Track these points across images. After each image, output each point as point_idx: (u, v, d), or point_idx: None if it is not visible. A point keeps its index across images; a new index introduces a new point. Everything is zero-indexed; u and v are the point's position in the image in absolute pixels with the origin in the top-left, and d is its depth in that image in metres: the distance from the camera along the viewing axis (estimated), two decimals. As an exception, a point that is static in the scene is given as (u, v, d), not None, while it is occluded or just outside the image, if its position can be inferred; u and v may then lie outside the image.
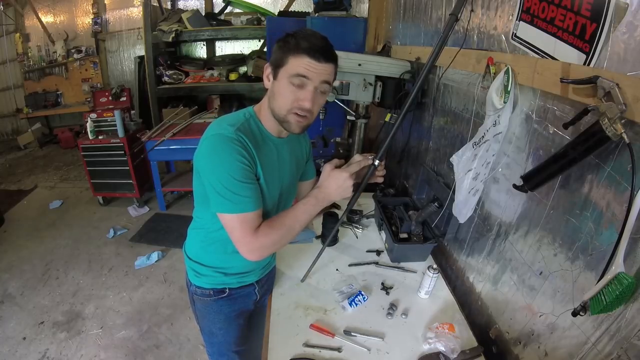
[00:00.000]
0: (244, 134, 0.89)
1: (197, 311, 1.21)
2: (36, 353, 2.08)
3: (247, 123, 0.94)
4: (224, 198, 0.87)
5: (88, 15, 5.33)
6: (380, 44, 2.43)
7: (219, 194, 0.87)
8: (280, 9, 4.30)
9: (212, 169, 0.88)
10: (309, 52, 0.85)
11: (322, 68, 0.87)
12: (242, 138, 0.88)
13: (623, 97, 0.63)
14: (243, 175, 0.87)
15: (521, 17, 0.96)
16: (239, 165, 0.86)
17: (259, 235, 0.90)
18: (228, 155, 0.86)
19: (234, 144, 0.86)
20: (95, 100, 4.94)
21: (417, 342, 1.10)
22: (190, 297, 1.19)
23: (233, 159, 0.86)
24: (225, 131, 0.87)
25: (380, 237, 1.63)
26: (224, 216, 0.90)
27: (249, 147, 0.89)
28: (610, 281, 0.65)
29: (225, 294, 1.14)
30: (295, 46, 0.86)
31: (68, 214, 3.61)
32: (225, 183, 0.86)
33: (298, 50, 0.86)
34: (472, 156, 1.16)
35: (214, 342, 1.25)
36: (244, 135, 0.89)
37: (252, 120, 0.96)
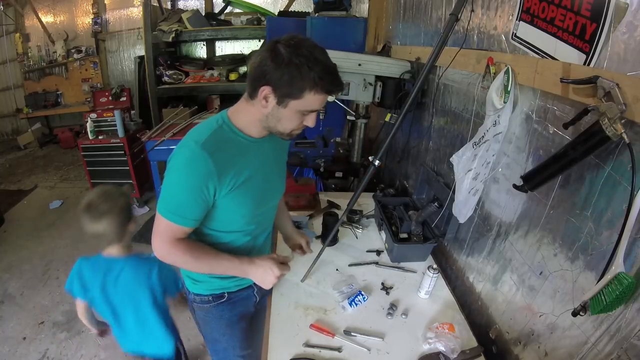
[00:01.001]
0: (212, 147, 0.87)
1: (198, 319, 1.20)
2: (36, 353, 2.08)
3: (219, 132, 0.91)
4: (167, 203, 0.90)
5: (88, 15, 5.33)
6: (380, 44, 2.43)
7: (164, 198, 0.91)
8: (280, 9, 4.30)
9: (168, 174, 0.90)
10: (330, 92, 0.85)
11: None
12: (205, 157, 0.85)
13: (623, 97, 0.63)
14: (193, 193, 0.88)
15: (521, 17, 0.96)
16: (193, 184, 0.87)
17: (174, 248, 0.94)
18: (186, 171, 0.87)
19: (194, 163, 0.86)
20: (95, 100, 4.94)
21: (417, 342, 1.10)
22: (190, 306, 1.18)
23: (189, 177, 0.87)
24: (191, 146, 0.87)
25: (380, 237, 1.63)
26: (158, 215, 0.92)
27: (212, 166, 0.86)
28: (610, 281, 0.65)
29: (225, 298, 1.13)
30: (314, 82, 0.81)
31: (68, 214, 3.61)
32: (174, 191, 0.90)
33: (317, 89, 0.82)
34: (472, 156, 1.16)
35: (219, 349, 1.24)
36: (211, 151, 0.86)
37: (226, 127, 0.93)
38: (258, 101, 0.87)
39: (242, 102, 0.94)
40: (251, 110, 0.92)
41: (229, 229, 1.03)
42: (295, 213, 1.77)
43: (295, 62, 0.79)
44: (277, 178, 1.12)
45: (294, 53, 0.79)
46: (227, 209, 0.96)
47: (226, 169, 0.89)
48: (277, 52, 0.80)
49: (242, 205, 0.98)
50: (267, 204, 1.09)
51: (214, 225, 1.00)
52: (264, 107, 0.87)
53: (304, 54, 0.80)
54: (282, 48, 0.80)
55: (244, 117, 0.94)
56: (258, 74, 0.84)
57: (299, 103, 0.84)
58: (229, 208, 0.96)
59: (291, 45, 0.80)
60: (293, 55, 0.79)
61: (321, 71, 0.80)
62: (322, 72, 0.81)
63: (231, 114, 0.95)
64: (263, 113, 0.89)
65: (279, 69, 0.80)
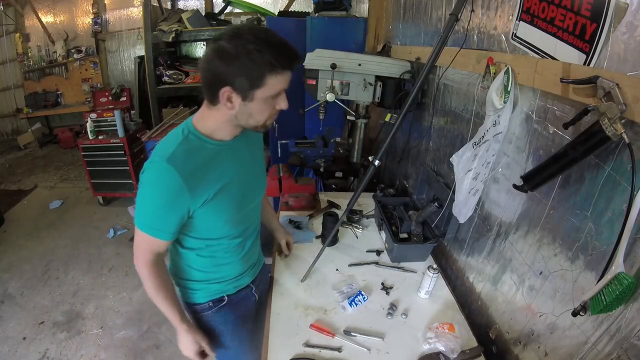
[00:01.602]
0: (180, 161, 0.84)
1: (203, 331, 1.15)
2: (36, 353, 2.08)
3: (185, 143, 0.88)
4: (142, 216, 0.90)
5: (88, 15, 5.33)
6: (380, 44, 2.43)
7: (139, 211, 0.90)
8: (280, 9, 4.30)
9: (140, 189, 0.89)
10: (291, 67, 0.81)
11: None
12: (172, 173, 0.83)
13: (623, 97, 0.63)
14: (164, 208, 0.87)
15: (521, 17, 0.96)
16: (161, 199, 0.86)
17: (150, 269, 0.95)
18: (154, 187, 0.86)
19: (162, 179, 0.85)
20: (95, 100, 4.94)
21: (417, 342, 1.10)
22: (192, 319, 1.15)
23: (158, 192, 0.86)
24: (157, 161, 0.85)
25: (380, 237, 1.63)
26: (136, 228, 0.91)
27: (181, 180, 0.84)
28: (610, 281, 0.65)
29: (225, 301, 1.13)
30: (270, 65, 0.77)
31: (68, 214, 3.61)
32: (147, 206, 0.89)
33: (277, 69, 0.79)
34: (472, 156, 1.16)
35: (230, 356, 1.23)
36: (179, 166, 0.83)
37: (192, 136, 0.89)
38: (222, 104, 0.83)
39: (205, 109, 0.90)
40: (217, 115, 0.88)
41: (216, 236, 1.02)
42: (295, 213, 1.77)
43: (244, 52, 0.75)
44: (256, 175, 1.10)
45: (238, 44, 0.76)
46: (207, 218, 0.95)
47: (197, 181, 0.87)
48: (222, 49, 0.77)
49: (222, 212, 0.97)
50: (249, 204, 1.07)
51: (200, 234, 1.00)
52: (230, 108, 0.84)
53: (249, 40, 0.76)
54: (225, 44, 0.76)
55: (211, 123, 0.90)
56: (212, 79, 0.81)
57: (264, 91, 0.81)
58: (210, 217, 0.95)
59: (233, 38, 0.76)
60: (239, 47, 0.76)
61: (273, 51, 0.77)
62: (274, 51, 0.77)
63: (196, 122, 0.92)
64: (231, 114, 0.86)
65: (231, 65, 0.77)
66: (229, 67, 0.77)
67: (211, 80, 0.81)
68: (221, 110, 0.86)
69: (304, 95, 2.46)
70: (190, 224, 0.96)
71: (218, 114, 0.88)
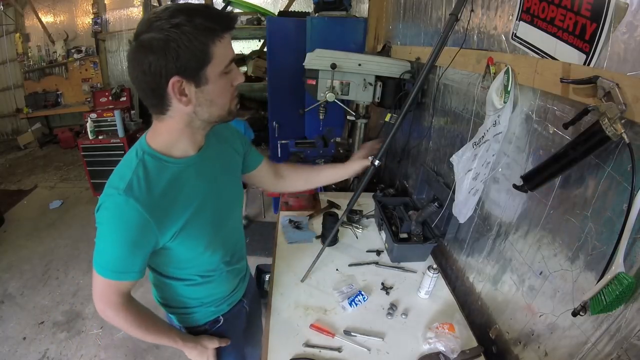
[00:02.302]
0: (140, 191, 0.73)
1: None
2: (36, 353, 2.08)
3: (141, 169, 0.75)
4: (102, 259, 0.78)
5: (88, 15, 5.34)
6: (380, 44, 2.43)
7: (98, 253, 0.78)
8: (280, 9, 4.30)
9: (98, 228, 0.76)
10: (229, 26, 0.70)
11: None
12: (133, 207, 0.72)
13: (623, 97, 0.63)
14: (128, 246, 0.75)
15: (521, 17, 0.96)
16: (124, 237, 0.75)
17: (119, 311, 0.82)
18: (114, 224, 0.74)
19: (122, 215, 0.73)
20: (95, 100, 4.94)
21: (417, 342, 1.10)
22: None
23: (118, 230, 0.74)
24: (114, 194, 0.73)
25: (380, 237, 1.63)
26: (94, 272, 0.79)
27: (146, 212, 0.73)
28: (610, 281, 0.65)
29: (220, 322, 1.07)
30: (207, 30, 0.66)
31: (68, 214, 3.62)
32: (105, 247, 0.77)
33: (218, 32, 0.68)
34: (472, 156, 1.16)
35: None
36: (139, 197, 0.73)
37: (149, 158, 0.77)
38: (175, 104, 0.72)
39: (156, 124, 0.78)
40: (170, 124, 0.76)
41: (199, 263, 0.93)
42: (295, 213, 1.77)
43: (175, 30, 0.63)
44: (232, 186, 0.99)
45: (163, 25, 0.64)
46: (184, 248, 0.85)
47: (163, 211, 0.76)
48: (148, 42, 0.64)
49: (200, 238, 0.87)
50: (227, 222, 0.98)
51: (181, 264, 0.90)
52: (187, 102, 0.71)
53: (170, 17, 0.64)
54: (147, 36, 0.64)
55: (166, 136, 0.78)
56: (152, 81, 0.68)
57: (215, 65, 0.69)
58: (187, 247, 0.85)
59: (150, 26, 0.64)
60: (164, 29, 0.63)
61: (202, 16, 0.66)
62: (205, 15, 0.66)
63: (150, 139, 0.79)
64: (188, 112, 0.74)
65: (167, 52, 0.64)
66: (167, 55, 0.64)
67: (151, 84, 0.68)
68: (174, 117, 0.74)
69: (304, 95, 2.46)
70: (168, 256, 0.85)
71: (171, 122, 0.76)
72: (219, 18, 0.68)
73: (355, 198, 1.23)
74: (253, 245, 3.07)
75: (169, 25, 0.64)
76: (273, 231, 1.69)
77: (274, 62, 2.99)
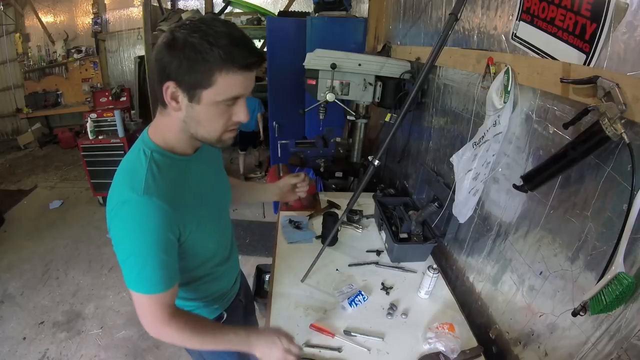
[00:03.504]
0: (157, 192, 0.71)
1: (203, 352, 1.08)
2: (36, 353, 2.08)
3: (153, 166, 0.74)
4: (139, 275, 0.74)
5: (88, 15, 5.34)
6: (380, 44, 2.43)
7: (128, 269, 0.74)
8: (280, 9, 4.30)
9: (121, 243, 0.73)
10: (246, 66, 0.67)
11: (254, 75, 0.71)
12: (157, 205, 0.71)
13: (623, 97, 0.63)
14: (159, 250, 0.73)
15: (521, 17, 0.96)
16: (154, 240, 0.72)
17: (170, 326, 0.78)
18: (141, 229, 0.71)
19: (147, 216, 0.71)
20: (95, 100, 4.95)
21: (417, 342, 1.10)
22: None
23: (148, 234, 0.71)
24: (133, 198, 0.70)
25: (380, 237, 1.63)
26: (133, 294, 0.76)
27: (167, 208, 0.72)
28: (610, 281, 0.65)
29: (224, 317, 1.07)
30: (221, 59, 0.64)
31: (68, 214, 3.62)
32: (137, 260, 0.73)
33: (229, 66, 0.65)
34: (472, 156, 1.16)
35: None
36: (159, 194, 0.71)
37: (156, 154, 0.76)
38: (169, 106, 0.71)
39: (159, 118, 0.78)
40: (169, 123, 0.75)
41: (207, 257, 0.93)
42: (295, 213, 1.77)
43: (192, 41, 0.63)
44: (225, 184, 1.03)
45: (190, 33, 0.63)
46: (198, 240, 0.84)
47: (180, 205, 0.76)
48: (171, 38, 0.65)
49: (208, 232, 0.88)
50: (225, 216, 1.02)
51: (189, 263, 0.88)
52: (177, 109, 0.70)
53: (201, 29, 0.63)
54: (177, 32, 0.64)
55: (168, 133, 0.77)
56: (158, 72, 0.68)
57: (213, 92, 0.67)
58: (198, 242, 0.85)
59: (188, 25, 0.64)
60: (189, 35, 0.63)
61: (227, 44, 0.63)
62: (229, 44, 0.63)
63: (153, 135, 0.79)
64: (179, 118, 0.72)
65: (176, 55, 0.64)
66: (174, 58, 0.64)
67: (158, 75, 0.69)
68: (171, 114, 0.73)
69: (304, 95, 2.46)
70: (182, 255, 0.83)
71: (169, 120, 0.75)
72: (240, 52, 0.65)
73: (355, 198, 1.23)
74: (253, 245, 3.07)
75: (192, 36, 0.63)
76: (273, 231, 1.69)
77: (274, 62, 2.99)
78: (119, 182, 0.75)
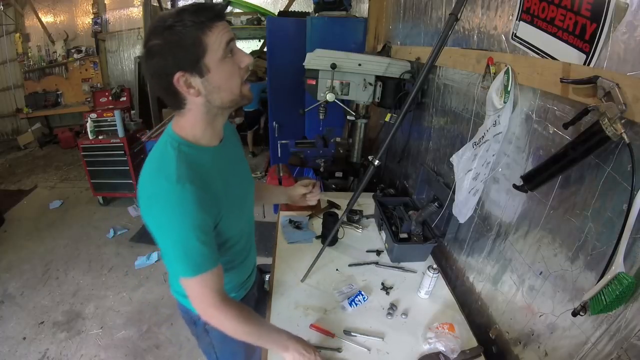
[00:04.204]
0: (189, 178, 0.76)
1: (214, 341, 1.11)
2: (36, 353, 2.08)
3: (182, 156, 0.79)
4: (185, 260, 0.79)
5: (88, 15, 5.34)
6: (380, 44, 2.43)
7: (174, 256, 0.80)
8: (280, 9, 4.30)
9: (162, 232, 0.78)
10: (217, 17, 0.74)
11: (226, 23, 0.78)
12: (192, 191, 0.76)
13: (623, 97, 0.63)
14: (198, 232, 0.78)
15: (521, 17, 0.96)
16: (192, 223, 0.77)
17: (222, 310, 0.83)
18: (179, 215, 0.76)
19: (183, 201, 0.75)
20: (95, 100, 4.95)
21: (417, 342, 1.10)
22: (202, 331, 1.09)
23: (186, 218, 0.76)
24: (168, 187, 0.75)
25: (380, 237, 1.63)
26: (186, 281, 0.82)
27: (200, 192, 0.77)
28: (610, 281, 0.65)
29: None
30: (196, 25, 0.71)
31: (68, 214, 3.62)
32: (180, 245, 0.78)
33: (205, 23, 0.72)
34: (472, 156, 1.16)
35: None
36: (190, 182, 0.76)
37: (185, 148, 0.81)
38: (187, 97, 0.77)
39: (179, 119, 0.84)
40: (190, 117, 0.82)
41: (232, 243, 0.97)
42: (295, 213, 1.77)
43: (168, 32, 0.71)
44: (248, 176, 1.09)
45: (159, 30, 0.72)
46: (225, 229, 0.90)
47: (211, 191, 0.81)
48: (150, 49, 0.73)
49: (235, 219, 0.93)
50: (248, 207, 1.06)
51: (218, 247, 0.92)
52: (196, 94, 0.76)
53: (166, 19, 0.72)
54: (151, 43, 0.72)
55: (191, 128, 0.83)
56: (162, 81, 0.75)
57: (212, 54, 0.74)
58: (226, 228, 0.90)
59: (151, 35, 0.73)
60: (161, 32, 0.71)
61: (190, 13, 0.71)
62: (191, 13, 0.71)
63: (178, 130, 0.84)
64: (201, 103, 0.79)
65: (165, 52, 0.72)
66: (166, 55, 0.72)
67: (162, 84, 0.76)
68: (192, 107, 0.79)
69: (304, 95, 2.46)
70: None
71: (190, 115, 0.81)
72: (204, 11, 0.72)
73: (355, 198, 1.23)
74: (253, 245, 3.06)
75: (163, 29, 0.71)
76: (273, 231, 1.69)
77: (274, 62, 2.99)
78: (151, 174, 0.81)
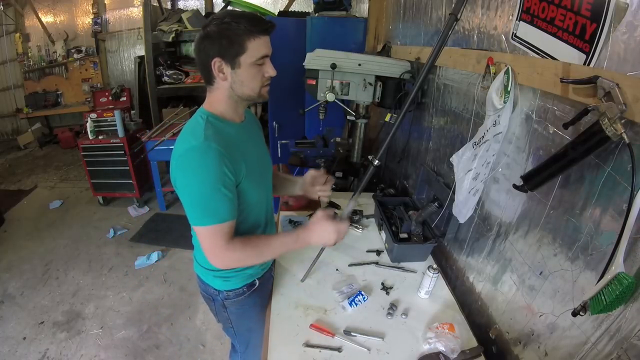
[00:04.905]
0: (214, 140, 0.90)
1: (232, 316, 1.21)
2: (36, 353, 2.08)
3: (209, 126, 0.93)
4: (201, 210, 0.91)
5: (88, 15, 5.33)
6: (380, 44, 2.43)
7: (194, 206, 0.92)
8: (280, 9, 4.29)
9: (188, 183, 0.91)
10: (265, 32, 0.91)
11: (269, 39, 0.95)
12: (213, 148, 0.88)
13: (623, 97, 0.63)
14: (219, 184, 0.89)
15: (521, 17, 0.96)
16: (215, 176, 0.89)
17: (229, 249, 0.95)
18: (204, 167, 0.88)
19: (208, 156, 0.88)
20: (95, 100, 4.95)
21: (417, 342, 1.10)
22: (220, 306, 1.18)
23: (209, 170, 0.88)
24: (196, 144, 0.88)
25: (380, 237, 1.63)
26: (198, 228, 0.94)
27: (222, 151, 0.89)
28: (610, 281, 0.65)
29: (256, 285, 1.18)
30: (247, 30, 0.88)
31: (68, 214, 3.62)
32: (201, 194, 0.90)
33: (253, 34, 0.89)
34: (472, 156, 1.16)
35: (252, 337, 1.28)
36: (216, 141, 0.90)
37: (212, 119, 0.96)
38: (217, 78, 0.93)
39: (209, 95, 1.00)
40: (217, 94, 0.98)
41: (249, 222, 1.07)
42: (295, 213, 1.77)
43: (224, 27, 0.88)
44: (266, 156, 1.19)
45: (219, 23, 0.89)
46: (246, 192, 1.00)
47: (232, 155, 0.92)
48: (207, 32, 0.90)
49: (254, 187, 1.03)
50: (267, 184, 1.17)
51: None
52: (224, 79, 0.93)
53: (226, 19, 0.89)
54: (209, 27, 0.90)
55: (218, 104, 0.99)
56: (204, 59, 0.92)
57: (248, 56, 0.90)
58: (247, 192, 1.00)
59: (214, 20, 0.90)
60: (219, 25, 0.89)
61: (247, 20, 0.89)
62: (248, 20, 0.89)
63: (208, 107, 1.00)
64: (226, 87, 0.95)
65: (216, 40, 0.89)
66: (215, 42, 0.89)
67: (203, 60, 0.92)
68: (220, 88, 0.96)
69: (304, 95, 2.46)
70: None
71: (218, 92, 0.97)
72: (258, 23, 0.90)
73: (356, 198, 1.23)
74: (253, 245, 3.06)
75: (222, 24, 0.88)
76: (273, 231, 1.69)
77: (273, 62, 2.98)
78: (182, 138, 0.94)
